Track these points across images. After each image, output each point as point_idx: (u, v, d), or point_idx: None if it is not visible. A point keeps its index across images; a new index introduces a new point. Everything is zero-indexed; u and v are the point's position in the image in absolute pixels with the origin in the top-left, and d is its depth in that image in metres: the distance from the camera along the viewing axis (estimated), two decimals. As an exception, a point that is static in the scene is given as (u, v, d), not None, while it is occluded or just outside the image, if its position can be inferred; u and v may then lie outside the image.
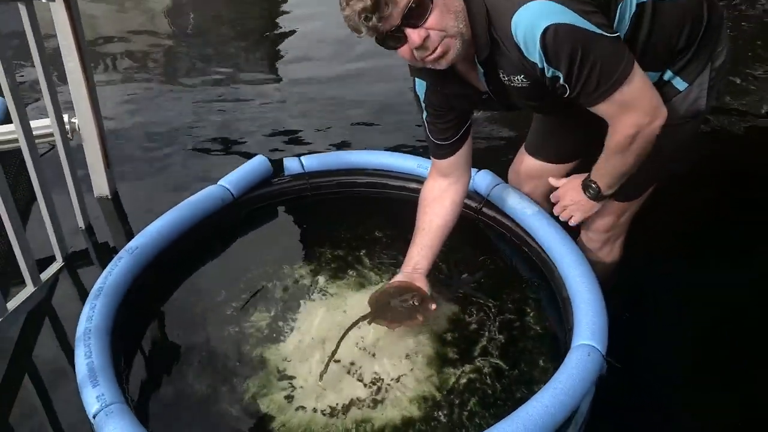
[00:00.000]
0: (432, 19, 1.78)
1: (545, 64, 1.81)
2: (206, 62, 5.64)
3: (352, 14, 1.75)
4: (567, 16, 1.72)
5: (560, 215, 2.48)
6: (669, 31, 2.01)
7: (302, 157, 3.17)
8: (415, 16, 1.76)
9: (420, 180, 2.95)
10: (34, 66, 2.54)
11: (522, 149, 2.78)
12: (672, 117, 2.09)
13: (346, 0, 1.75)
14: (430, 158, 2.52)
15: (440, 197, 2.44)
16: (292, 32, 6.62)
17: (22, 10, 2.44)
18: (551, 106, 2.14)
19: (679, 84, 2.11)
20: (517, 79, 1.95)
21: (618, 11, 1.90)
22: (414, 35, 1.79)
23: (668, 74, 2.11)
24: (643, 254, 2.76)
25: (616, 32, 1.84)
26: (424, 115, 2.31)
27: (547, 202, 2.75)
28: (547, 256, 2.55)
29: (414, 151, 3.74)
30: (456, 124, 2.28)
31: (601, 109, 1.94)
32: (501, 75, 1.97)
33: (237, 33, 6.56)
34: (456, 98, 2.20)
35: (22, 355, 2.44)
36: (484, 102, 2.20)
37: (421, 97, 2.26)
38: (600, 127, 2.01)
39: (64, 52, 2.87)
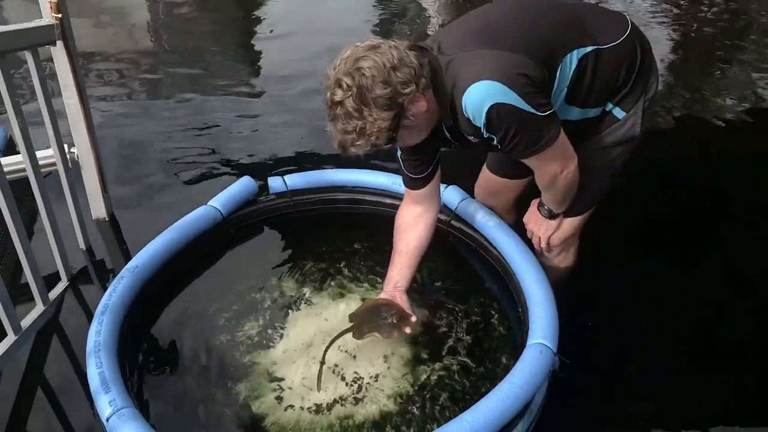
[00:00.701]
0: (398, 143, 2.08)
1: (485, 130, 2.06)
2: (186, 80, 5.69)
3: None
4: (508, 97, 1.96)
5: (533, 241, 2.75)
6: (609, 74, 2.26)
7: (285, 176, 3.29)
8: (380, 146, 2.01)
9: (394, 195, 3.17)
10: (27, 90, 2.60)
11: (484, 168, 2.99)
12: (611, 140, 2.40)
13: (327, 121, 2.02)
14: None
15: (415, 223, 2.58)
16: (271, 47, 6.73)
17: (28, 57, 2.57)
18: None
19: (619, 113, 2.36)
20: (471, 138, 2.19)
21: (558, 72, 2.14)
22: (384, 146, 2.04)
23: (609, 106, 2.36)
24: (594, 263, 2.93)
25: (549, 110, 2.07)
26: (399, 153, 2.48)
27: (508, 215, 3.00)
28: (508, 264, 2.72)
29: (391, 164, 3.81)
30: (427, 160, 2.46)
31: (526, 162, 2.24)
32: (461, 131, 2.19)
33: (216, 49, 6.63)
34: (426, 143, 2.35)
35: (35, 368, 2.55)
36: (449, 145, 2.40)
37: None
38: None
39: (64, 90, 2.99)
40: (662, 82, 5.35)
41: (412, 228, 2.58)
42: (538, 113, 2.02)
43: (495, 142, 2.11)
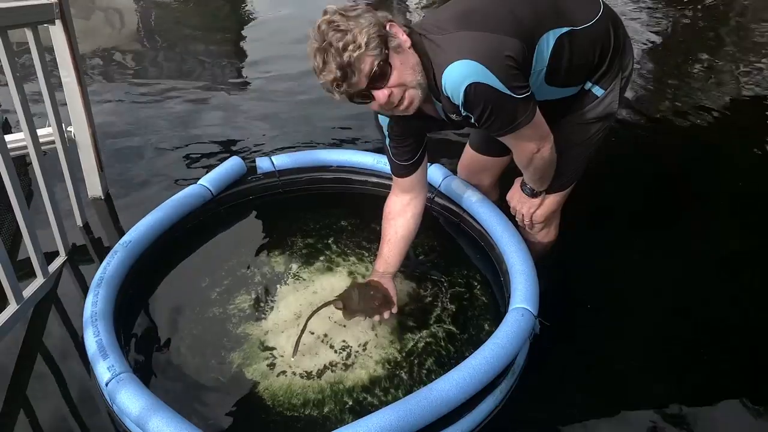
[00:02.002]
0: (393, 79, 2.05)
1: (463, 109, 2.13)
2: (174, 68, 5.74)
3: (326, 83, 2.02)
4: (486, 77, 2.03)
5: (516, 218, 2.84)
6: (585, 53, 2.35)
7: (273, 157, 3.36)
8: (378, 79, 2.03)
9: (379, 174, 3.27)
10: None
11: (467, 147, 3.07)
12: (589, 117, 2.50)
13: (319, 71, 2.00)
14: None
15: (403, 211, 2.63)
16: (257, 36, 6.78)
17: (28, 34, 2.63)
18: None
19: (597, 91, 2.47)
20: (453, 116, 2.26)
21: (536, 53, 2.21)
22: (380, 94, 2.05)
23: (588, 84, 2.46)
24: (576, 239, 3.01)
25: (526, 92, 2.14)
26: (387, 141, 2.53)
27: (492, 193, 3.10)
28: (489, 236, 2.83)
29: (375, 144, 3.92)
30: (415, 147, 2.52)
31: (502, 139, 2.31)
32: (444, 110, 2.28)
33: (203, 38, 6.66)
34: (417, 127, 2.46)
35: (34, 337, 2.61)
36: (440, 126, 2.49)
37: (385, 127, 2.48)
38: None
39: (62, 69, 3.03)
40: (644, 72, 5.46)
41: (400, 216, 2.64)
42: (515, 95, 2.10)
43: (473, 120, 2.20)
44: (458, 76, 2.05)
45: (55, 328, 2.69)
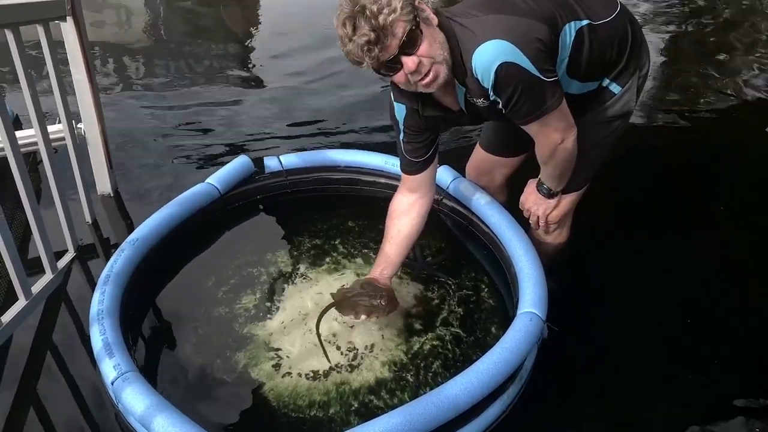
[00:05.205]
0: (423, 48, 2.06)
1: (492, 92, 2.15)
2: (182, 67, 5.73)
3: (356, 48, 1.99)
4: (517, 58, 2.06)
5: (530, 220, 2.84)
6: (603, 47, 2.37)
7: (281, 156, 3.36)
8: (409, 45, 2.03)
9: (387, 175, 3.26)
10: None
11: (477, 146, 3.06)
12: (607, 115, 2.53)
13: (349, 36, 1.98)
14: (396, 155, 2.71)
15: (408, 210, 2.62)
16: (265, 34, 6.83)
17: (40, 30, 2.63)
18: (509, 120, 2.40)
19: (615, 88, 2.48)
20: (480, 101, 2.27)
21: (560, 42, 2.24)
22: (409, 62, 2.06)
23: (606, 81, 2.48)
24: (587, 239, 3.02)
25: (554, 77, 2.17)
26: (401, 136, 2.53)
27: (500, 194, 3.08)
28: (498, 239, 2.81)
29: (384, 145, 3.88)
30: (427, 144, 2.52)
31: (527, 128, 2.32)
32: (468, 96, 2.28)
33: (212, 36, 6.66)
34: (433, 119, 2.45)
35: (44, 332, 2.59)
36: (455, 120, 2.50)
37: (401, 120, 2.49)
38: None
39: (73, 66, 3.04)
40: (650, 73, 5.46)
41: (405, 214, 2.63)
42: (544, 78, 2.12)
43: (500, 105, 2.20)
44: (490, 56, 2.07)
45: (64, 324, 2.69)
